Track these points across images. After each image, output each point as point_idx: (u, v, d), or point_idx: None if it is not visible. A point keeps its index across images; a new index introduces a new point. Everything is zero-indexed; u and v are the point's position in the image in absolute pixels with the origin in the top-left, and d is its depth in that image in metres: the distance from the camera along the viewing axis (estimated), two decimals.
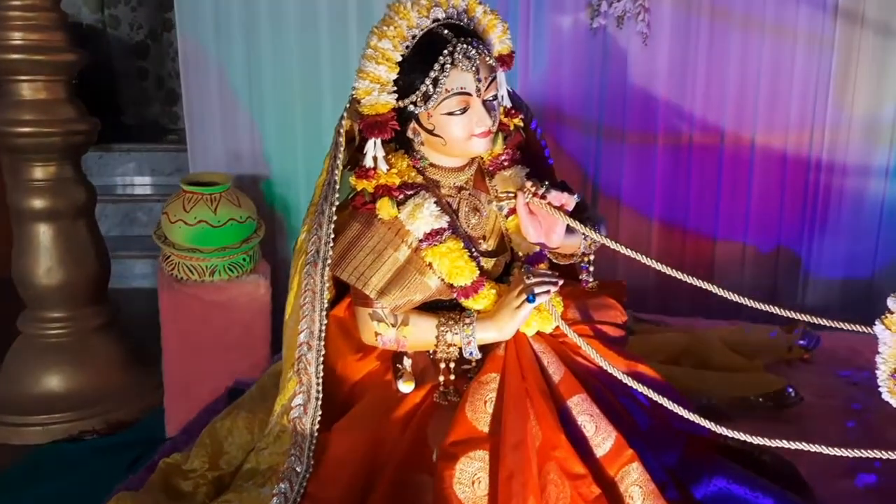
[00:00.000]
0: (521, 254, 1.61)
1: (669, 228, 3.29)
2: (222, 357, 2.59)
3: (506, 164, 1.58)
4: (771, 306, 1.62)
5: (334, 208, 1.45)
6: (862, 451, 1.44)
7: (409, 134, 1.47)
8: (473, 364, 1.52)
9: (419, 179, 1.49)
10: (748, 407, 2.11)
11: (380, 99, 1.39)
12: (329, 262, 1.43)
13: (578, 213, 1.55)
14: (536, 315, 1.52)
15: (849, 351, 2.45)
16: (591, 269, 1.65)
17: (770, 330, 2.51)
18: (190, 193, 2.61)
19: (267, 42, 3.16)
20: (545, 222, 1.52)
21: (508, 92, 1.58)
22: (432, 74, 1.38)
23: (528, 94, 3.21)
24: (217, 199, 2.62)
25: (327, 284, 1.47)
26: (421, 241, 1.46)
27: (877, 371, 1.55)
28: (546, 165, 1.75)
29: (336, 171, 1.44)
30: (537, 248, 1.59)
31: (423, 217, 1.44)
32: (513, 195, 1.54)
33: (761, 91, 3.07)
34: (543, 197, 1.49)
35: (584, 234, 1.51)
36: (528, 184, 1.50)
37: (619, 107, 3.16)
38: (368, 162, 1.44)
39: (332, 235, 1.44)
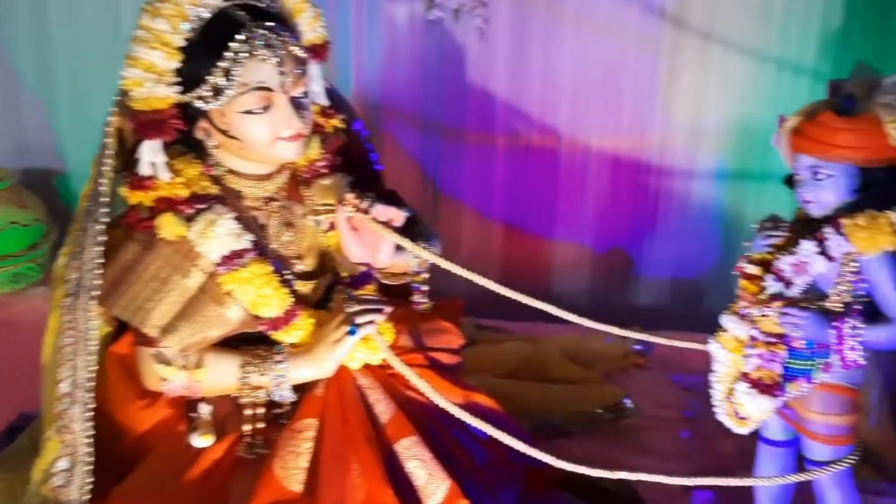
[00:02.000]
0: (345, 275, 1.40)
1: (511, 230, 3.23)
2: (3, 385, 2.24)
3: (324, 171, 1.37)
4: (609, 327, 1.56)
5: (102, 226, 1.16)
6: (700, 479, 1.38)
7: (199, 135, 1.21)
8: (287, 407, 1.30)
9: (214, 190, 1.24)
10: (588, 420, 2.06)
11: (155, 91, 1.12)
12: (95, 293, 1.15)
13: (409, 228, 1.37)
14: (362, 345, 1.33)
15: (680, 355, 2.45)
16: (425, 289, 1.47)
17: (606, 335, 2.48)
18: None
19: (57, 12, 2.72)
20: (370, 239, 1.32)
21: (326, 88, 1.36)
22: (223, 64, 1.13)
23: (363, 90, 3.01)
24: None
25: (101, 319, 1.19)
26: (217, 265, 1.21)
27: (711, 390, 1.51)
28: (373, 172, 1.55)
29: (103, 181, 1.16)
30: (363, 268, 1.39)
31: (218, 236, 1.19)
32: (332, 208, 1.33)
33: (595, 94, 3.05)
34: (367, 211, 1.29)
35: (415, 252, 1.33)
36: (350, 196, 1.30)
37: (458, 105, 3.03)
38: (145, 169, 1.17)
39: (100, 261, 1.15)
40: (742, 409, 1.40)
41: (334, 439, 1.24)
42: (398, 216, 1.29)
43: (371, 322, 1.28)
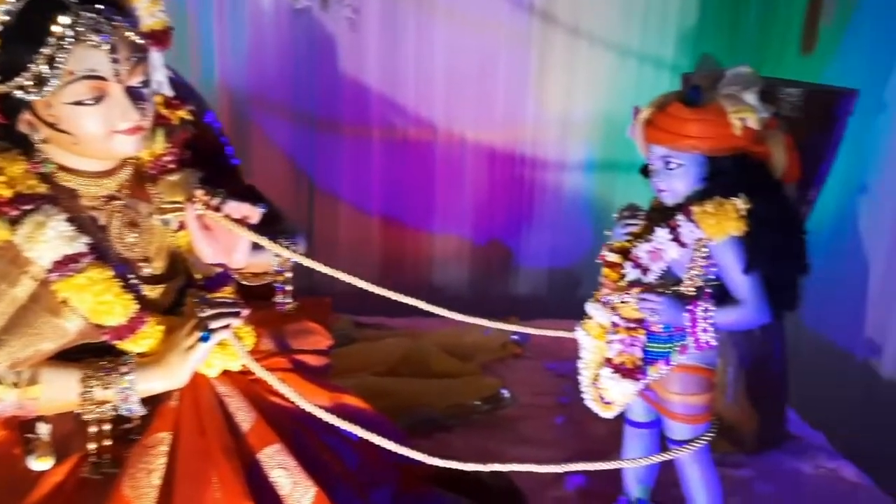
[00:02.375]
0: (199, 277, 1.32)
1: (389, 224, 3.19)
2: None
3: (171, 166, 1.27)
4: (485, 321, 1.56)
5: None
6: (568, 466, 1.40)
7: (23, 129, 1.10)
8: (137, 422, 1.21)
9: (42, 189, 1.13)
10: (466, 413, 2.06)
11: None
12: None
13: (269, 225, 1.30)
14: (219, 351, 1.25)
15: (555, 343, 2.51)
16: (289, 289, 1.41)
17: (484, 328, 2.50)
18: None
19: None
20: (224, 238, 1.24)
21: (171, 78, 1.27)
22: (45, 51, 1.03)
23: (228, 81, 2.88)
24: None
25: None
26: (49, 271, 1.10)
27: (579, 377, 1.54)
28: (228, 167, 1.47)
29: None
30: (218, 270, 1.31)
31: (49, 240, 1.08)
32: (181, 206, 1.24)
33: (469, 87, 3.07)
34: (218, 208, 1.21)
35: (275, 251, 1.27)
36: (200, 192, 1.22)
37: (331, 96, 2.96)
38: None
39: None
40: (607, 393, 1.43)
41: (190, 453, 1.16)
42: (253, 213, 1.22)
43: (227, 326, 1.20)
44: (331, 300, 1.62)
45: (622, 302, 1.39)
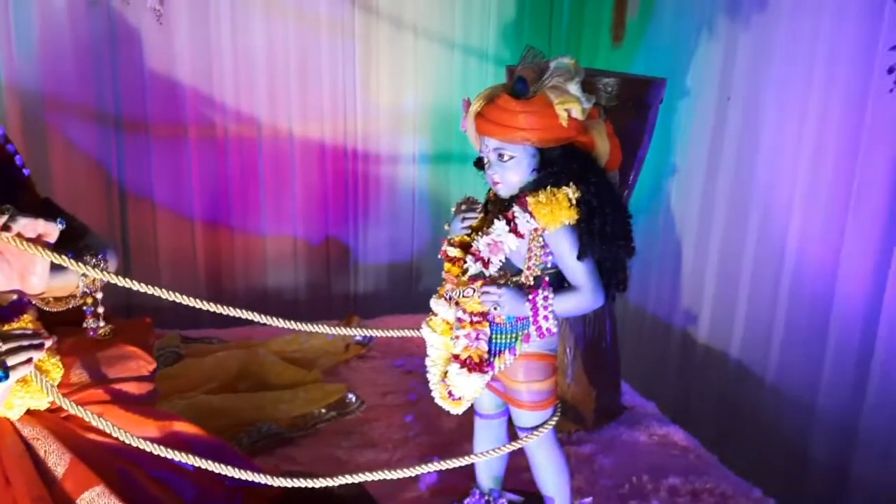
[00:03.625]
0: None
1: (215, 227, 3.00)
2: None
3: None
4: (324, 326, 1.49)
5: None
6: (417, 469, 1.37)
7: None
8: None
9: None
10: (312, 423, 1.98)
11: None
12: None
13: (72, 242, 1.15)
14: (22, 389, 1.10)
15: (400, 339, 2.48)
16: (100, 311, 1.26)
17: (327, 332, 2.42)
18: None
19: None
20: (18, 261, 1.08)
21: None
22: None
23: (16, 82, 2.56)
24: None
25: None
26: None
27: (427, 374, 1.52)
28: (18, 179, 1.28)
29: None
30: (13, 297, 1.15)
31: None
32: None
33: (292, 80, 2.95)
34: (8, 227, 1.05)
35: (80, 271, 1.12)
36: None
37: (138, 94, 2.73)
38: None
39: None
40: (456, 389, 1.41)
41: None
42: (50, 229, 1.07)
43: (28, 361, 1.05)
44: (150, 320, 1.47)
45: (465, 296, 1.38)
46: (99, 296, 1.25)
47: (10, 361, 1.03)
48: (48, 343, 1.09)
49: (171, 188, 2.87)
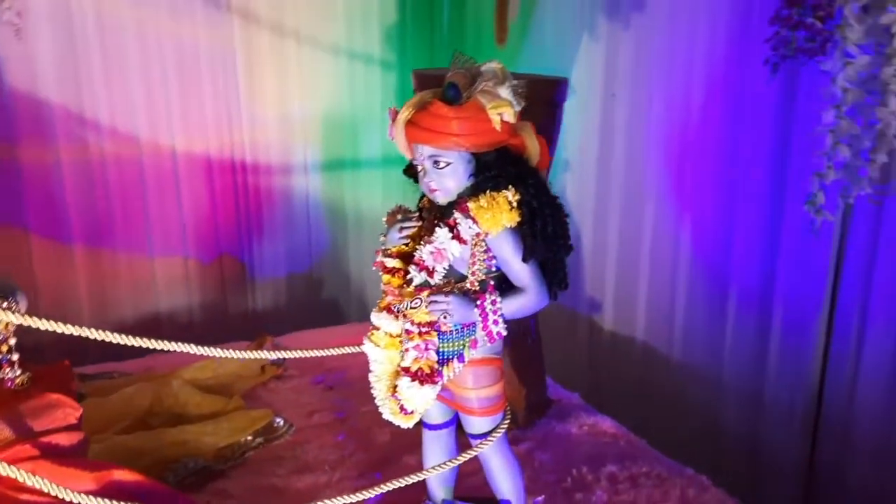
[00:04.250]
0: None
1: (97, 253, 2.80)
2: None
3: None
4: (245, 352, 1.41)
5: None
6: (367, 492, 1.34)
7: None
8: None
9: None
10: (240, 452, 1.88)
11: None
12: None
13: None
14: None
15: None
16: (15, 359, 1.14)
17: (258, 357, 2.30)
18: None
19: None
20: None
21: None
22: None
23: None
24: None
25: None
26: None
27: (373, 390, 1.48)
28: None
29: None
30: None
31: None
32: None
33: (171, 92, 2.79)
34: None
35: None
36: None
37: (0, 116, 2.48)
38: None
39: None
40: (409, 403, 1.39)
41: None
42: None
43: None
44: (69, 362, 1.34)
45: (412, 307, 1.35)
46: (12, 342, 1.13)
47: None
48: None
49: (44, 214, 2.65)
